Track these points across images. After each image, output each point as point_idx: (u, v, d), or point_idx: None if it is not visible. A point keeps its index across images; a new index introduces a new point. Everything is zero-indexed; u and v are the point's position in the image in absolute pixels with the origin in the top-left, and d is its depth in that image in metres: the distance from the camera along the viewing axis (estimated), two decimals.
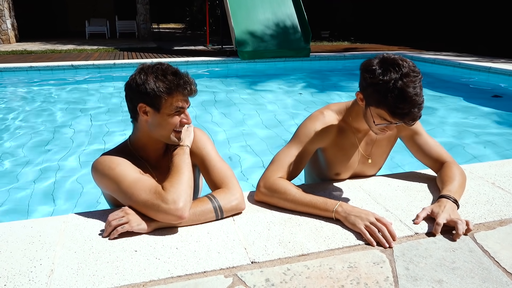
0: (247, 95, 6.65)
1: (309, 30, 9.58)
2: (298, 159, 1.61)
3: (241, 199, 1.50)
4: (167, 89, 1.38)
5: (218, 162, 1.57)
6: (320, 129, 1.62)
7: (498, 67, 7.21)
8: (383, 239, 1.32)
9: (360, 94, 1.48)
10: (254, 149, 4.02)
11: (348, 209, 1.42)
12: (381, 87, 1.34)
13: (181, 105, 1.42)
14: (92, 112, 5.41)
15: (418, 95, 1.33)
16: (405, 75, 1.32)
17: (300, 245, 1.31)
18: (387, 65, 1.35)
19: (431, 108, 5.50)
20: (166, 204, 1.31)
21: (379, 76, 1.34)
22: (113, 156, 1.46)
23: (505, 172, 1.88)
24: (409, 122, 1.38)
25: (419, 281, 1.15)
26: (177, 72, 1.42)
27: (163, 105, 1.40)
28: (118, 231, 1.32)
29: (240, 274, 1.18)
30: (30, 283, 1.12)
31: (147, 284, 1.13)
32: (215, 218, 1.44)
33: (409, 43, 11.94)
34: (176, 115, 1.43)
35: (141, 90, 1.39)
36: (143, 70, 1.42)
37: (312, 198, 1.49)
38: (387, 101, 1.34)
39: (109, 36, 15.96)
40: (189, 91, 1.42)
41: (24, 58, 9.37)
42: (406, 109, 1.32)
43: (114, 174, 1.40)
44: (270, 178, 1.57)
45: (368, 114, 1.47)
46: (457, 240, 1.34)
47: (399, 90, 1.31)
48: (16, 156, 3.83)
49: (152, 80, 1.38)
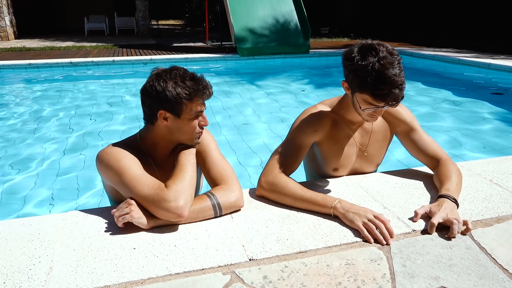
0: (247, 91, 6.65)
1: (308, 26, 9.56)
2: (295, 154, 1.64)
3: (239, 196, 1.50)
4: (187, 95, 1.39)
5: (219, 160, 1.58)
6: (313, 123, 1.66)
7: (497, 63, 7.21)
8: (380, 236, 1.32)
9: (345, 83, 1.54)
10: (253, 146, 4.03)
11: (346, 206, 1.43)
12: (361, 71, 1.40)
13: (200, 109, 1.45)
14: (91, 110, 5.41)
15: (397, 76, 1.38)
16: (383, 58, 1.38)
17: (298, 242, 1.32)
18: (365, 50, 1.42)
19: (430, 105, 5.51)
20: (166, 202, 1.31)
21: (358, 62, 1.41)
22: (120, 148, 1.47)
23: (503, 169, 1.89)
24: (392, 103, 1.43)
25: (416, 278, 1.15)
26: (195, 76, 1.43)
27: (183, 111, 1.41)
28: (120, 221, 1.33)
29: (238, 272, 1.18)
30: (29, 281, 1.13)
31: (145, 282, 1.14)
32: (213, 216, 1.45)
33: (409, 39, 11.93)
34: (195, 119, 1.46)
35: (161, 97, 1.38)
36: (160, 77, 1.40)
37: (312, 194, 1.50)
38: (367, 84, 1.40)
39: (108, 32, 15.92)
40: (208, 95, 1.45)
41: (23, 55, 9.35)
42: (386, 90, 1.38)
43: (118, 166, 1.40)
44: (271, 173, 1.58)
45: (355, 101, 1.52)
46: (455, 237, 1.35)
47: (377, 72, 1.37)
48: (15, 154, 3.83)
49: (172, 86, 1.38)
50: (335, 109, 1.72)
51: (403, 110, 1.77)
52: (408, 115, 1.76)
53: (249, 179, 3.22)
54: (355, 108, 1.56)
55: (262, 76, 7.99)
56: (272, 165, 1.61)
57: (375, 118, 1.54)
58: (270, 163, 1.62)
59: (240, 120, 4.94)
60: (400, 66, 1.40)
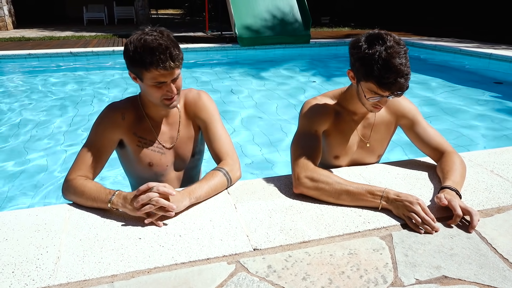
0: (247, 82, 6.63)
1: (309, 16, 9.50)
2: (317, 144, 1.62)
3: (240, 169, 1.66)
4: (142, 64, 1.40)
5: (222, 134, 1.68)
6: (319, 112, 1.68)
7: (499, 53, 7.18)
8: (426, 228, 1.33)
9: (351, 71, 1.56)
10: (254, 136, 4.04)
11: (392, 196, 1.41)
12: (367, 60, 1.42)
13: (161, 80, 1.43)
14: (92, 99, 5.41)
15: (403, 65, 1.39)
16: (390, 47, 1.39)
17: (301, 232, 1.34)
18: (372, 39, 1.44)
19: (432, 95, 5.50)
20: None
21: (365, 50, 1.43)
22: (111, 111, 1.60)
23: (504, 159, 1.90)
24: (397, 92, 1.44)
25: (417, 267, 1.17)
26: (155, 48, 1.37)
27: (143, 77, 1.45)
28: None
29: (243, 261, 1.20)
30: (38, 270, 1.14)
31: (152, 271, 1.16)
32: (226, 187, 1.59)
33: (410, 29, 11.86)
34: (158, 88, 1.46)
35: (126, 59, 1.45)
36: (130, 40, 1.43)
37: (358, 184, 1.48)
38: (373, 72, 1.41)
39: (107, 22, 15.82)
40: (164, 67, 1.39)
41: (22, 45, 9.31)
42: (391, 79, 1.39)
43: (91, 130, 1.58)
44: (308, 168, 1.53)
45: (360, 91, 1.53)
46: (455, 226, 1.36)
47: (384, 61, 1.38)
48: (16, 145, 3.84)
49: (133, 51, 1.40)
50: (337, 100, 1.73)
51: (407, 102, 1.77)
52: (412, 108, 1.76)
53: (249, 169, 3.23)
54: (359, 98, 1.57)
55: (262, 66, 7.97)
56: (303, 160, 1.55)
57: (379, 108, 1.55)
58: (299, 159, 1.56)
59: (240, 110, 4.94)
60: (406, 56, 1.41)
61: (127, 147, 1.65)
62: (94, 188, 1.44)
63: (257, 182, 1.68)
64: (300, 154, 1.58)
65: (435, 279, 1.13)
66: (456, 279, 1.13)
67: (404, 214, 1.38)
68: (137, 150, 1.65)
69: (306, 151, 1.59)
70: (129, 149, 1.66)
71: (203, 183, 1.50)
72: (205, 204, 1.50)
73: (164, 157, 1.69)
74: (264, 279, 1.13)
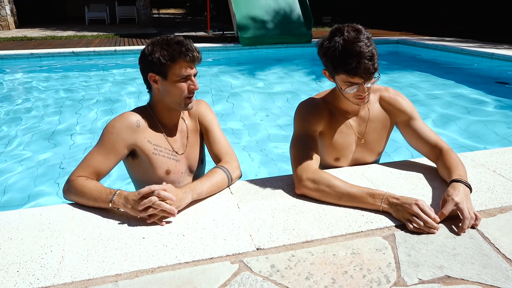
0: (248, 81, 6.64)
1: (311, 16, 9.50)
2: (314, 145, 1.63)
3: (239, 168, 1.70)
4: (170, 56, 1.50)
5: (221, 137, 1.75)
6: (313, 112, 1.69)
7: (501, 53, 7.17)
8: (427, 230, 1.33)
9: (325, 71, 1.60)
10: (256, 136, 4.04)
11: (393, 200, 1.40)
12: (331, 52, 1.47)
13: (187, 73, 1.54)
14: (95, 99, 5.42)
15: (362, 47, 1.42)
16: (347, 35, 1.44)
17: (304, 232, 1.34)
18: (332, 34, 1.50)
19: (434, 95, 5.50)
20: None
21: (327, 45, 1.49)
22: (126, 117, 1.59)
23: (506, 159, 1.90)
24: (366, 75, 1.46)
25: (420, 267, 1.18)
26: (180, 41, 1.52)
27: (169, 72, 1.52)
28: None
29: (246, 261, 1.21)
30: (42, 269, 1.15)
31: (155, 270, 1.16)
32: (227, 185, 1.61)
33: (412, 29, 11.84)
34: (183, 82, 1.55)
35: (149, 60, 1.52)
36: (151, 43, 1.55)
37: (359, 187, 1.47)
38: (337, 61, 1.46)
39: (109, 22, 15.84)
40: (191, 57, 1.52)
41: (24, 44, 9.33)
42: (354, 63, 1.42)
43: (102, 134, 1.57)
44: (309, 170, 1.53)
45: (337, 86, 1.57)
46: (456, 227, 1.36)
47: (343, 47, 1.43)
48: (19, 144, 3.85)
49: (158, 50, 1.51)
50: (328, 100, 1.75)
51: (403, 100, 1.78)
52: (408, 105, 1.77)
53: (251, 168, 3.24)
54: (342, 94, 1.60)
55: (264, 66, 7.97)
56: (304, 162, 1.55)
57: (362, 99, 1.56)
58: (300, 160, 1.56)
59: (242, 110, 4.95)
60: (368, 41, 1.44)
61: (141, 156, 1.63)
62: (95, 188, 1.45)
63: (260, 182, 1.68)
64: (300, 155, 1.59)
65: (438, 279, 1.13)
66: (459, 279, 1.13)
67: (404, 217, 1.37)
68: (153, 158, 1.63)
69: (306, 152, 1.59)
70: (143, 158, 1.63)
71: (205, 180, 1.53)
72: (208, 203, 1.51)
73: (179, 164, 1.70)
74: (268, 279, 1.13)
